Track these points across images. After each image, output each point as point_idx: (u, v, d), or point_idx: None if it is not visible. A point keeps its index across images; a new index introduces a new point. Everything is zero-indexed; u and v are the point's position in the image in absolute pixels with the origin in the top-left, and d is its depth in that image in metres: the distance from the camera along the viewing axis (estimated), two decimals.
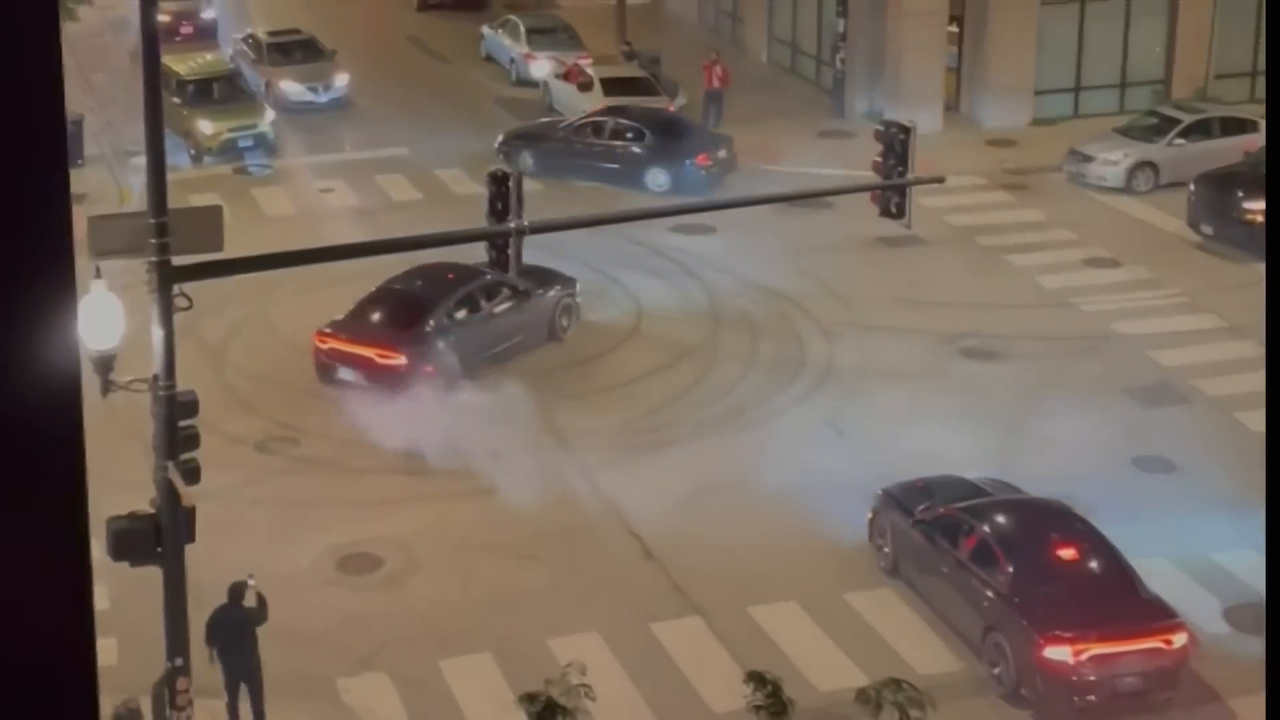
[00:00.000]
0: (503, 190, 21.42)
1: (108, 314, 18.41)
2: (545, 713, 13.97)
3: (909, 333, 32.22)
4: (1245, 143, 38.92)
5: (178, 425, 18.67)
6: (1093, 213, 38.67)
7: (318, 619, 23.11)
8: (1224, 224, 36.07)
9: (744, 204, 30.45)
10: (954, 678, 22.13)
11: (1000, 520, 23.31)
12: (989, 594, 22.21)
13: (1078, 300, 33.89)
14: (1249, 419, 27.97)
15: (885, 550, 24.48)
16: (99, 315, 18.27)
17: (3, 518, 4.36)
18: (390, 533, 25.39)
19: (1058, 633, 21.32)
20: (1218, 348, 31.49)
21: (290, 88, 45.38)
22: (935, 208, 36.00)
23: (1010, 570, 22.16)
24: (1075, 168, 40.38)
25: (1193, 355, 31.28)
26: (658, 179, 39.32)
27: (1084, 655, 21.21)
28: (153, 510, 18.62)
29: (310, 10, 53.67)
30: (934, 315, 32.97)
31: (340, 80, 45.95)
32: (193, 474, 18.83)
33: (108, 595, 21.15)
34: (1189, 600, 22.97)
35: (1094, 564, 22.51)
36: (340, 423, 28.09)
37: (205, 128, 41.14)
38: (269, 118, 42.19)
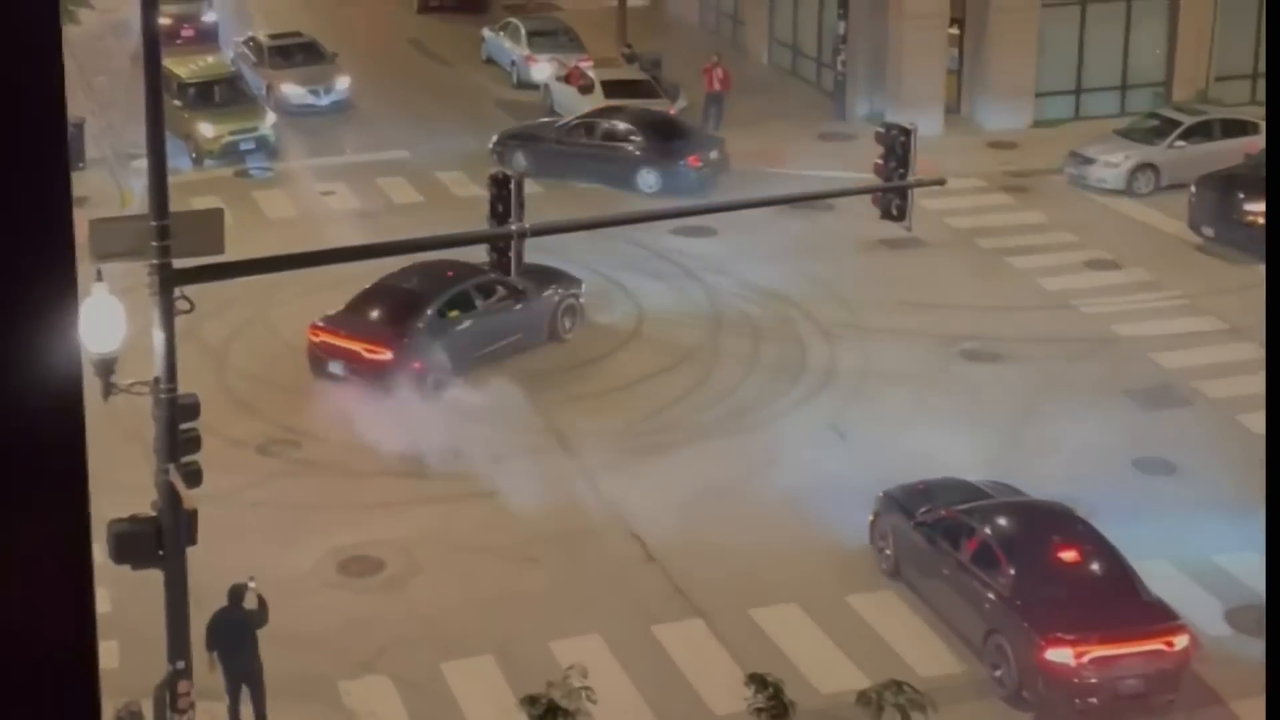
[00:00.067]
0: (504, 193, 21.42)
1: (109, 317, 18.42)
2: (547, 715, 13.96)
3: (910, 335, 32.21)
4: (1246, 145, 38.89)
5: (179, 428, 18.67)
6: (1094, 215, 38.65)
7: (319, 622, 23.11)
8: (1225, 226, 36.05)
9: (745, 206, 30.41)
10: (955, 680, 22.12)
11: (1001, 522, 23.31)
12: (990, 596, 22.21)
13: (1079, 302, 33.88)
14: (1250, 421, 27.96)
15: (886, 552, 24.47)
16: (100, 318, 18.27)
17: (4, 520, 4.37)
18: (392, 535, 25.39)
19: (1059, 635, 21.32)
20: (1219, 350, 31.48)
21: (291, 90, 45.37)
22: (936, 210, 35.99)
23: (1012, 572, 22.15)
24: (1076, 170, 40.36)
25: (1194, 357, 31.27)
26: (649, 180, 39.30)
27: (1085, 657, 21.20)
28: (154, 513, 18.61)
29: (311, 13, 53.67)
30: (935, 317, 32.96)
31: (341, 83, 45.95)
32: (194, 477, 18.84)
33: (109, 598, 21.16)
34: (1190, 602, 22.97)
35: (1095, 566, 22.51)
36: (342, 425, 28.08)
37: (206, 130, 41.15)
38: (270, 120, 42.18)
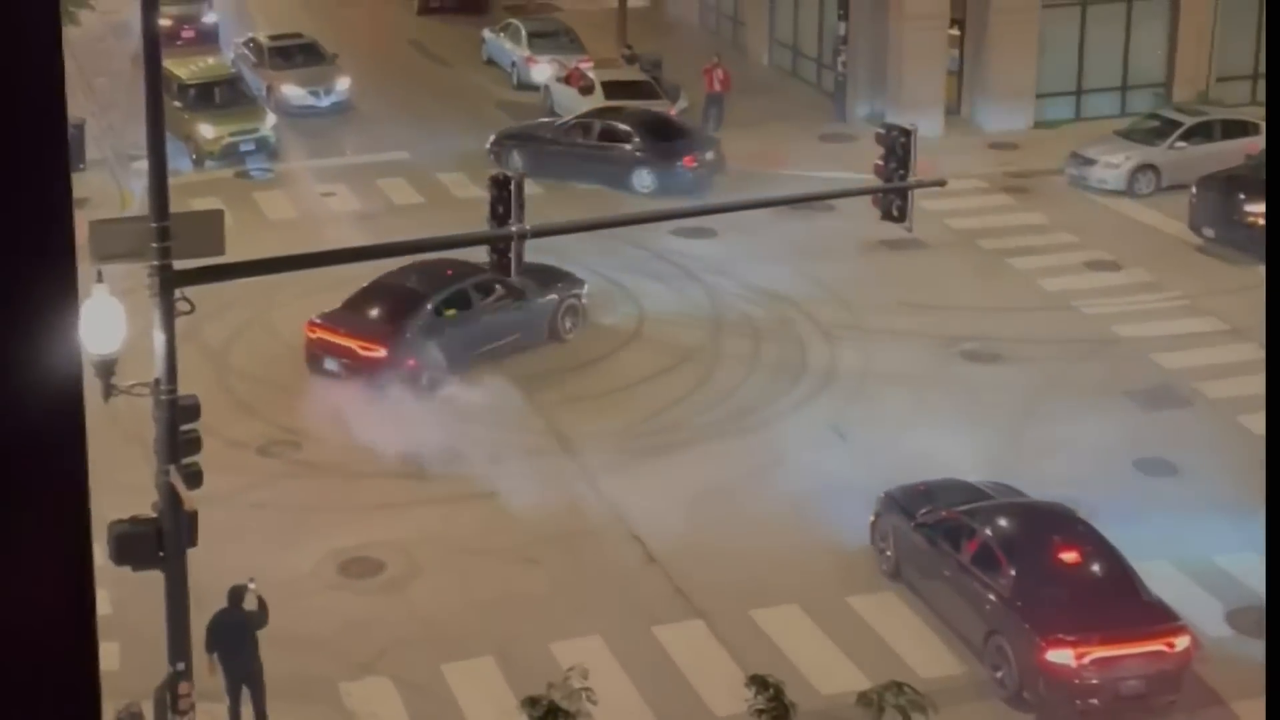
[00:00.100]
0: (504, 194, 21.41)
1: (109, 318, 18.42)
2: (547, 717, 13.96)
3: (910, 336, 32.21)
4: (1246, 145, 38.88)
5: (179, 429, 18.67)
6: (1094, 216, 38.65)
7: (320, 623, 23.10)
8: (1225, 227, 36.04)
9: (745, 207, 30.38)
10: (956, 681, 22.12)
11: (1002, 523, 23.30)
12: (991, 597, 22.20)
13: (1079, 303, 33.87)
14: (1251, 422, 27.95)
15: (887, 553, 24.46)
16: (101, 319, 18.27)
17: (5, 522, 4.36)
18: (392, 537, 25.39)
19: (1060, 636, 21.31)
20: (1219, 350, 31.47)
21: (292, 92, 45.37)
22: (937, 211, 35.97)
23: (1012, 573, 22.14)
24: (1077, 171, 40.36)
25: (1194, 358, 31.27)
26: (644, 180, 39.29)
27: (1086, 658, 21.20)
28: (155, 514, 18.62)
29: (311, 14, 53.68)
30: (935, 318, 32.96)
31: (341, 84, 45.94)
32: (194, 478, 18.84)
33: (110, 600, 21.17)
34: (1191, 603, 22.96)
35: (1096, 567, 22.50)
36: (342, 427, 28.08)
37: (207, 132, 41.15)
38: (270, 122, 42.17)
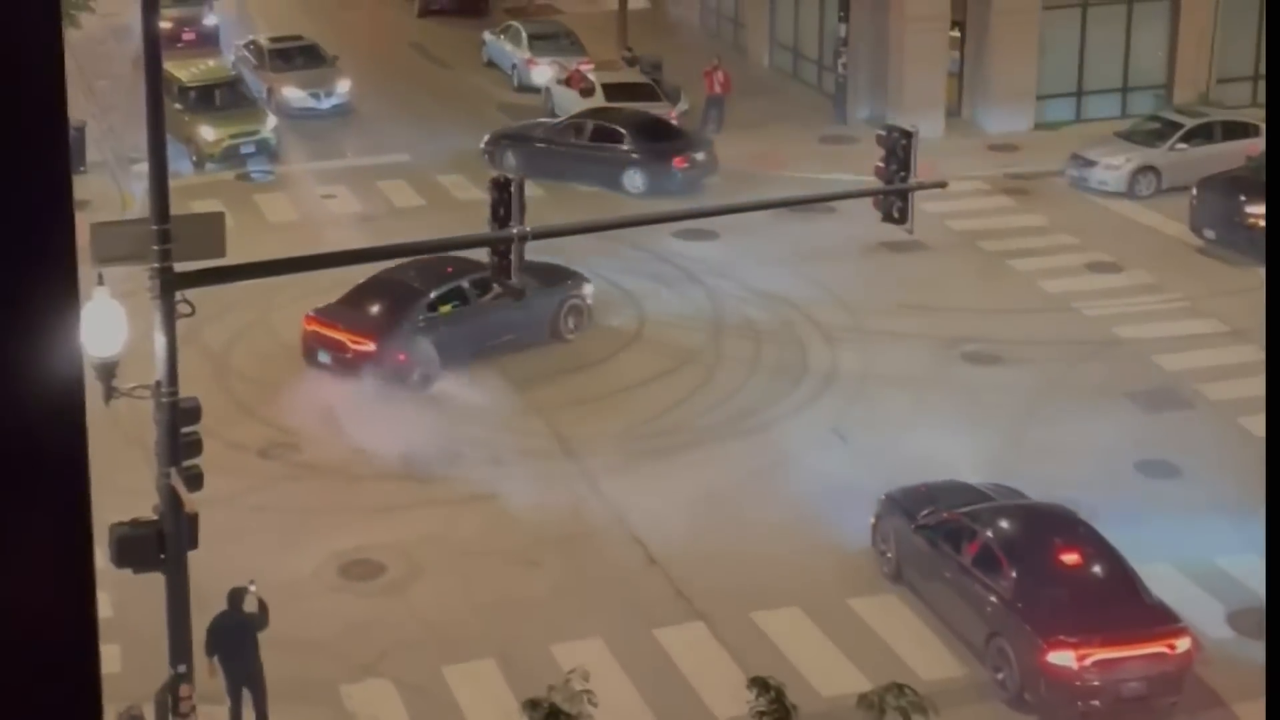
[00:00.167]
0: (504, 196, 21.40)
1: (110, 321, 18.42)
2: (548, 719, 13.96)
3: (911, 338, 32.20)
4: (1247, 147, 38.87)
5: (180, 432, 18.67)
6: (1095, 217, 38.65)
7: (321, 625, 23.09)
8: (1226, 228, 36.04)
9: (746, 209, 30.35)
10: (957, 683, 22.11)
11: (1003, 525, 23.28)
12: (992, 599, 22.19)
13: (1080, 305, 33.87)
14: (1252, 423, 27.94)
15: (888, 555, 24.45)
16: (101, 322, 18.27)
17: (5, 524, 4.36)
18: (393, 539, 25.38)
19: (1061, 638, 21.30)
20: (1220, 352, 31.46)
21: (292, 94, 45.37)
22: (937, 213, 35.97)
23: (1013, 575, 22.13)
24: (1077, 172, 40.36)
25: (1195, 360, 31.26)
26: (635, 180, 39.30)
27: (1088, 660, 21.19)
28: (155, 517, 18.62)
29: (312, 16, 53.70)
30: (936, 320, 32.95)
31: (342, 86, 45.95)
32: (195, 480, 18.85)
33: (111, 602, 21.15)
34: (1192, 605, 22.96)
35: (1097, 569, 22.49)
36: (343, 428, 28.08)
37: (207, 134, 41.16)
38: (271, 124, 42.17)
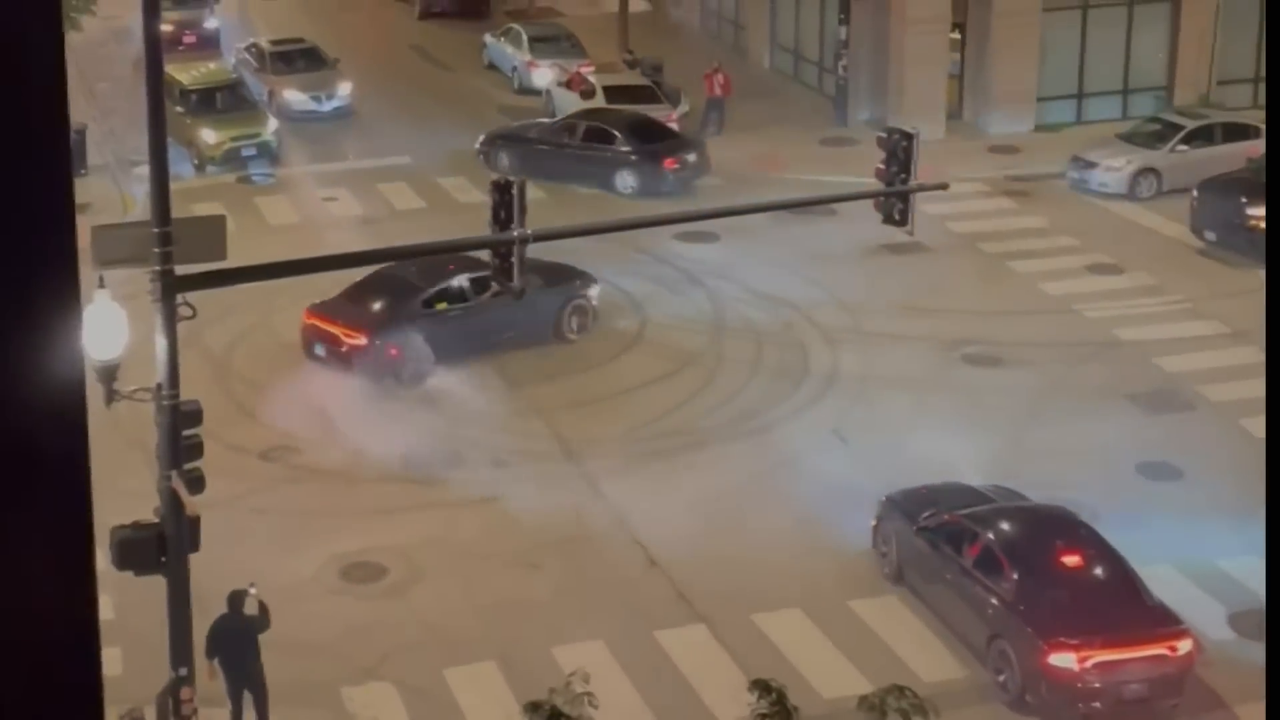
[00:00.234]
0: (505, 198, 21.40)
1: (111, 324, 18.42)
2: None
3: (912, 339, 32.21)
4: (1247, 149, 38.87)
5: (181, 434, 18.67)
6: (1095, 219, 38.65)
7: (322, 628, 23.10)
8: (1226, 230, 36.04)
9: (747, 211, 30.36)
10: (958, 685, 22.11)
11: (1004, 527, 23.28)
12: (993, 601, 22.19)
13: (1081, 306, 33.87)
14: (1253, 425, 27.94)
15: (889, 557, 24.45)
16: (103, 325, 18.27)
17: (6, 526, 4.36)
18: (394, 541, 25.39)
19: (1062, 639, 21.30)
20: (1221, 354, 31.46)
21: (293, 97, 45.37)
22: (938, 214, 35.98)
23: (1015, 577, 22.13)
24: (1078, 174, 40.37)
25: (1196, 361, 31.26)
26: (627, 181, 39.32)
27: (1089, 662, 21.19)
28: (157, 519, 18.62)
29: (313, 19, 53.71)
30: (937, 322, 32.95)
31: (343, 89, 45.95)
32: (196, 483, 18.85)
33: (112, 605, 21.15)
34: (1194, 606, 22.96)
35: (1098, 570, 22.49)
36: (343, 431, 28.09)
37: (208, 137, 41.16)
38: (272, 127, 42.17)
